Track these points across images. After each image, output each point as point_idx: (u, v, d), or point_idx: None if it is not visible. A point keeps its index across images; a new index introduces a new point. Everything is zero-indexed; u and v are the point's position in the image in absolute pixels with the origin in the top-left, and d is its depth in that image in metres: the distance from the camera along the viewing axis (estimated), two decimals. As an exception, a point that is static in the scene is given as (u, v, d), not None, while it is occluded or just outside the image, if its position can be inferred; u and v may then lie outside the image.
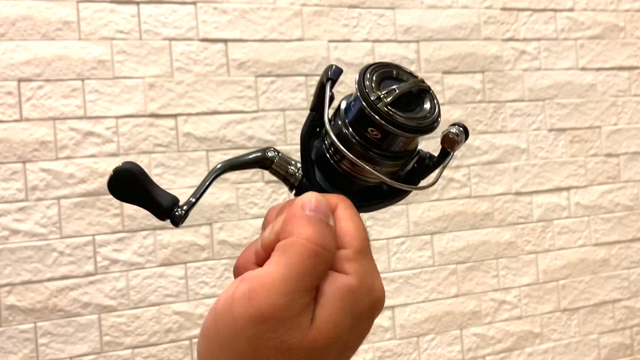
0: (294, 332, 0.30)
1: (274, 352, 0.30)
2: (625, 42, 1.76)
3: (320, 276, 0.32)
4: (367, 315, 0.33)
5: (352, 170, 0.39)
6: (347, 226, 0.34)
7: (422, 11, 1.56)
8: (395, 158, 0.38)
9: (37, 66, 1.28)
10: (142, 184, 0.39)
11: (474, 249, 1.59)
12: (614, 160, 1.73)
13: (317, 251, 0.31)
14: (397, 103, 0.36)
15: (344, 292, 0.31)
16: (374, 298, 0.33)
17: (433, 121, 0.37)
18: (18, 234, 1.26)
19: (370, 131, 0.37)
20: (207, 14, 1.39)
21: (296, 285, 0.31)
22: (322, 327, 0.31)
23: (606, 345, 1.70)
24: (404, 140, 0.37)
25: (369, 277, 0.33)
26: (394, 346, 1.51)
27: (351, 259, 0.33)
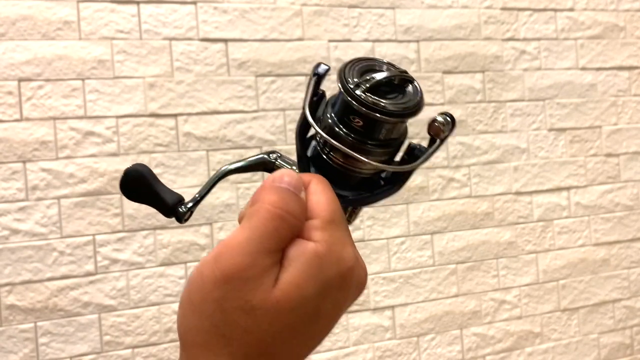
0: (257, 292, 0.31)
1: (239, 312, 0.31)
2: (626, 42, 1.76)
3: (284, 240, 0.32)
4: (337, 284, 0.33)
5: (344, 163, 0.39)
6: (318, 199, 0.35)
7: (422, 11, 1.56)
8: (383, 146, 0.39)
9: (37, 66, 1.28)
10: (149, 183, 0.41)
11: (474, 248, 1.59)
12: (614, 160, 1.73)
13: (279, 214, 0.32)
14: (378, 91, 0.37)
15: (309, 257, 0.32)
16: (343, 267, 0.33)
17: (413, 106, 0.37)
18: (18, 234, 1.26)
19: (352, 119, 0.38)
20: (207, 14, 1.39)
21: (259, 246, 0.32)
22: (285, 289, 0.31)
23: (606, 345, 1.70)
24: (387, 127, 0.38)
25: (337, 245, 0.33)
26: (394, 346, 1.51)
27: (319, 228, 0.33)
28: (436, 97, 1.56)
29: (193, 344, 0.33)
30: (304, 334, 0.33)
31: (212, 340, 0.32)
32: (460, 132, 1.58)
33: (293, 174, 0.35)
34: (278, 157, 0.42)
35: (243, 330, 0.31)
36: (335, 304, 0.34)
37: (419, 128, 0.42)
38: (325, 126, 0.39)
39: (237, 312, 0.31)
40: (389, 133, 0.38)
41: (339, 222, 0.35)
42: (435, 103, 1.56)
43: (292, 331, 0.32)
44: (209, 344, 0.32)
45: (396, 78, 0.38)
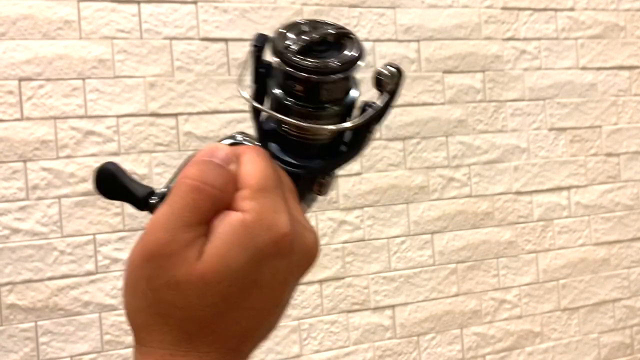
0: (181, 267, 0.30)
1: (166, 288, 0.31)
2: (626, 42, 1.76)
3: (205, 212, 0.32)
4: (271, 251, 0.32)
5: (300, 133, 0.38)
6: (248, 169, 0.33)
7: (423, 10, 1.56)
8: (329, 108, 0.37)
9: (38, 65, 1.28)
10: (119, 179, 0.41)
11: (474, 248, 1.59)
12: (614, 159, 1.73)
13: (197, 186, 0.32)
14: (312, 52, 0.36)
15: (235, 227, 0.31)
16: (276, 233, 0.32)
17: (345, 62, 0.36)
18: (19, 233, 1.26)
19: (291, 85, 0.37)
20: (207, 13, 1.39)
21: (178, 220, 0.31)
22: (209, 260, 0.31)
23: (606, 345, 1.70)
24: (326, 87, 0.36)
25: (269, 213, 0.32)
26: (394, 345, 1.51)
27: (247, 197, 0.32)
28: (436, 96, 1.56)
29: (138, 327, 0.33)
30: (243, 305, 0.32)
31: (151, 320, 0.32)
32: (460, 132, 1.58)
33: (223, 147, 0.34)
34: (244, 138, 0.40)
35: (174, 306, 0.31)
36: (276, 273, 0.32)
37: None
38: (273, 100, 0.38)
39: (165, 289, 0.31)
40: (331, 93, 0.37)
41: (271, 189, 0.33)
42: (436, 102, 1.56)
43: (226, 303, 0.31)
44: (149, 324, 0.32)
45: (329, 36, 0.37)
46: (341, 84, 0.37)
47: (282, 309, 0.35)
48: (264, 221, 0.32)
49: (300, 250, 0.34)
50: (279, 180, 0.34)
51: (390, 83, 0.37)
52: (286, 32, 0.37)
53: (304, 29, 0.38)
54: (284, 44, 0.36)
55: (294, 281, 0.35)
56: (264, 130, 0.40)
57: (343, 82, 0.37)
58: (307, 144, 0.39)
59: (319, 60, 0.36)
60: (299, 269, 0.34)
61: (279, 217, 0.32)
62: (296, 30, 0.37)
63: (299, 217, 0.35)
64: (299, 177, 0.39)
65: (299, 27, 0.38)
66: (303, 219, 0.36)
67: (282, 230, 0.32)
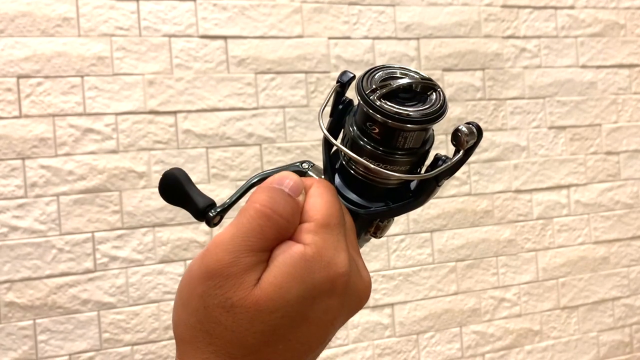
0: (238, 290, 0.31)
1: (220, 309, 0.31)
2: (626, 40, 1.76)
3: (269, 239, 0.32)
4: (326, 289, 0.32)
5: (367, 174, 0.38)
6: (315, 202, 0.34)
7: (423, 8, 1.56)
8: (403, 155, 0.37)
9: (36, 63, 1.27)
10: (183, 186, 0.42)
11: (474, 246, 1.58)
12: (614, 158, 1.73)
13: (265, 213, 0.32)
14: (397, 98, 0.36)
15: (295, 259, 0.31)
16: (333, 272, 0.32)
17: (429, 113, 0.36)
18: (17, 231, 1.26)
19: (370, 127, 0.37)
20: (206, 11, 1.39)
21: (242, 243, 0.31)
22: (266, 289, 0.31)
23: (605, 343, 1.70)
24: (404, 134, 0.36)
25: (329, 250, 0.32)
26: (393, 343, 1.51)
27: (312, 231, 0.32)
28: (436, 94, 1.56)
29: (182, 340, 0.33)
30: (291, 338, 0.32)
31: (199, 336, 0.32)
32: (460, 130, 1.57)
33: (293, 177, 0.34)
34: (310, 167, 0.41)
35: (224, 327, 0.31)
36: (327, 311, 0.32)
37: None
38: (347, 137, 0.38)
39: (218, 309, 0.31)
40: (408, 141, 0.37)
41: (334, 227, 0.33)
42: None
43: (275, 334, 0.31)
44: (196, 340, 0.32)
45: (416, 85, 0.37)
46: (419, 134, 0.37)
47: (324, 347, 0.35)
48: (323, 257, 0.32)
49: (353, 292, 0.34)
50: (342, 218, 0.35)
51: (469, 141, 0.37)
52: (374, 73, 0.37)
53: (393, 74, 0.38)
54: (370, 85, 0.36)
55: (341, 322, 0.35)
56: (332, 164, 0.40)
57: (421, 133, 0.37)
58: (373, 186, 0.39)
59: (401, 108, 0.36)
60: (348, 311, 0.35)
61: (338, 255, 0.32)
62: (384, 73, 0.38)
63: (356, 258, 0.35)
64: (358, 216, 0.39)
65: (388, 71, 0.38)
66: (360, 261, 0.36)
67: (340, 270, 0.32)
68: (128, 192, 1.32)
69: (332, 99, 0.40)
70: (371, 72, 0.38)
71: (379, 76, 0.37)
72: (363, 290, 0.35)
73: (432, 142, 0.39)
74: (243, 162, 1.40)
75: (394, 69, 0.38)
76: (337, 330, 0.35)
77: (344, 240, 0.34)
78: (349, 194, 0.39)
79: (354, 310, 0.35)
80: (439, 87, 0.38)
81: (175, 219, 1.34)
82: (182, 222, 1.35)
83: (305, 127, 1.44)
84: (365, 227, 0.41)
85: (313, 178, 0.37)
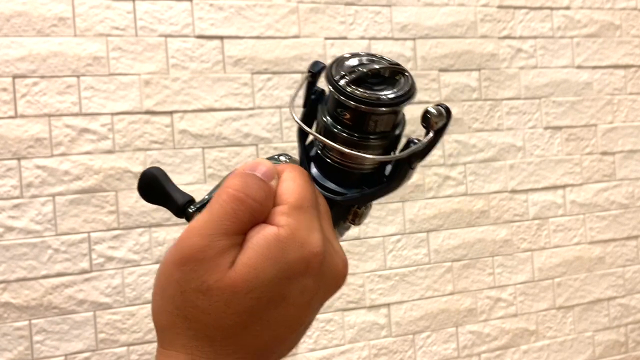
0: (213, 273, 0.31)
1: (196, 293, 0.31)
2: (621, 41, 1.76)
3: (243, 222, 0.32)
4: (301, 269, 0.32)
5: (342, 160, 0.39)
6: (287, 185, 0.34)
7: (419, 9, 1.56)
8: (374, 139, 0.38)
9: (32, 62, 1.27)
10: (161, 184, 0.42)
11: (470, 246, 1.59)
12: (609, 158, 1.73)
13: (238, 197, 0.32)
14: (365, 83, 0.37)
15: (269, 240, 0.32)
16: (307, 252, 0.32)
17: (397, 97, 0.37)
18: (13, 231, 1.25)
19: (340, 112, 0.37)
20: (203, 11, 1.38)
21: (215, 227, 0.32)
22: (241, 270, 0.31)
23: (601, 343, 1.71)
24: (374, 118, 0.37)
25: (303, 231, 0.33)
26: (389, 343, 1.51)
27: (285, 213, 0.33)
28: (432, 95, 1.56)
29: (162, 327, 0.33)
30: (268, 319, 0.32)
31: (177, 322, 0.32)
32: (456, 130, 1.58)
33: (266, 163, 0.35)
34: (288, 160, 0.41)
35: (201, 311, 0.31)
36: (304, 291, 0.33)
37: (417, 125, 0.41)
38: (321, 125, 0.39)
39: (195, 293, 0.31)
40: (379, 125, 0.38)
41: (308, 208, 0.34)
42: (432, 101, 1.56)
43: (252, 315, 0.32)
44: (174, 326, 0.32)
45: (384, 70, 0.38)
46: (389, 117, 0.38)
47: (304, 329, 0.35)
48: (297, 238, 0.32)
49: (329, 272, 0.34)
50: (316, 201, 0.35)
51: (437, 122, 0.38)
52: (343, 61, 0.38)
53: (361, 61, 0.38)
54: (339, 72, 0.37)
55: (318, 303, 0.35)
56: (308, 154, 0.41)
57: (391, 116, 0.38)
58: (348, 172, 0.40)
59: (370, 92, 0.37)
60: (325, 291, 0.35)
61: (312, 235, 0.33)
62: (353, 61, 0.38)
63: (331, 240, 0.35)
64: (336, 204, 0.39)
65: (356, 58, 0.39)
66: (335, 243, 0.36)
67: (314, 249, 0.33)
68: (124, 193, 1.32)
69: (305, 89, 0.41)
70: (340, 60, 0.38)
71: (347, 63, 0.38)
72: (339, 271, 0.35)
73: (403, 126, 0.40)
74: (239, 163, 1.39)
75: (361, 56, 0.39)
76: (315, 311, 0.35)
77: (318, 222, 0.34)
78: (326, 182, 0.40)
79: (330, 291, 0.35)
80: (407, 72, 0.39)
81: (171, 219, 1.34)
82: (178, 223, 1.35)
83: (301, 127, 1.44)
84: (343, 214, 0.41)
85: (286, 164, 0.38)
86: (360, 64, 0.38)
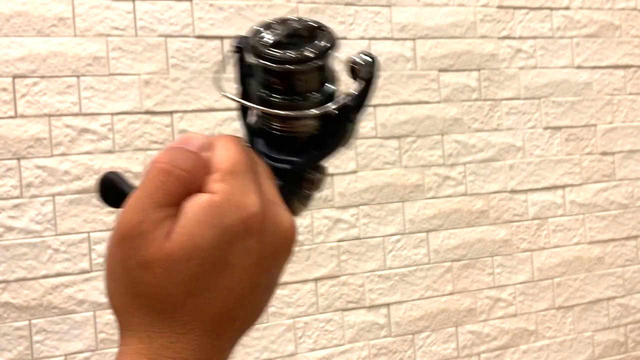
0: (150, 246, 0.31)
1: (138, 267, 0.31)
2: (621, 41, 1.76)
3: (174, 193, 0.32)
4: (240, 231, 0.32)
5: (284, 127, 0.39)
6: (219, 154, 0.34)
7: (419, 9, 1.56)
8: (309, 98, 0.38)
9: (32, 62, 1.27)
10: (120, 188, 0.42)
11: (470, 246, 1.59)
12: (609, 158, 1.73)
13: (165, 168, 0.32)
14: (285, 44, 0.37)
15: (204, 207, 0.32)
16: (244, 213, 0.32)
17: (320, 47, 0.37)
18: (13, 231, 1.25)
19: (269, 79, 0.38)
20: (203, 11, 1.39)
21: (147, 201, 0.32)
22: (176, 239, 0.31)
23: (600, 343, 1.71)
24: (301, 77, 0.37)
25: (238, 194, 0.33)
26: (389, 343, 1.51)
27: (218, 179, 0.33)
28: (432, 95, 1.56)
29: (117, 309, 0.33)
30: (216, 287, 0.32)
31: (128, 301, 0.32)
32: (456, 130, 1.58)
33: (197, 135, 0.35)
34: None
35: (146, 285, 0.31)
36: (248, 253, 0.33)
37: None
38: (255, 97, 0.39)
39: (137, 269, 0.31)
40: (307, 83, 0.38)
41: (242, 172, 0.34)
42: (431, 101, 1.56)
43: (198, 282, 0.31)
44: (128, 306, 0.32)
45: (302, 30, 0.38)
46: (316, 74, 0.38)
47: (261, 293, 0.35)
48: (232, 202, 0.32)
49: (273, 230, 0.34)
50: (251, 165, 0.35)
51: (363, 71, 0.38)
52: (260, 29, 0.39)
53: (277, 26, 0.39)
54: (258, 40, 0.38)
55: (269, 263, 0.35)
56: (251, 129, 0.42)
57: (318, 72, 0.38)
58: (293, 138, 0.40)
59: (292, 51, 0.37)
60: (273, 251, 0.34)
61: (248, 197, 0.33)
62: (270, 27, 0.39)
63: (273, 200, 0.35)
64: (288, 173, 0.39)
65: (272, 24, 0.39)
66: (279, 203, 0.36)
67: (251, 209, 0.33)
68: (124, 192, 1.32)
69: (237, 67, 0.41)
70: (257, 29, 0.39)
71: (265, 30, 0.39)
72: (285, 229, 0.35)
73: (334, 82, 0.40)
74: (239, 163, 1.40)
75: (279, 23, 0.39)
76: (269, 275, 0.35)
77: (254, 184, 0.34)
78: (274, 153, 0.40)
79: (280, 250, 0.35)
80: (325, 26, 0.39)
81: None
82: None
83: (301, 127, 1.44)
84: (299, 183, 0.41)
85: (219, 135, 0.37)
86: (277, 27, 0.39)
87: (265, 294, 0.36)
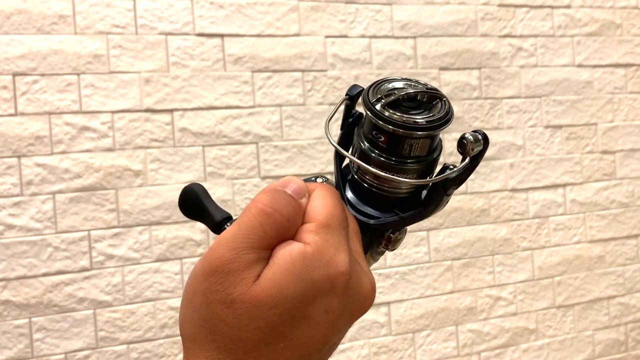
0: (238, 286, 0.31)
1: (221, 305, 0.31)
2: (622, 39, 1.76)
3: (270, 237, 0.32)
4: (325, 287, 0.32)
5: (378, 184, 0.39)
6: (317, 204, 0.34)
7: (419, 7, 1.56)
8: (410, 163, 0.38)
9: (32, 60, 1.27)
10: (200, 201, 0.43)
11: (470, 245, 1.59)
12: (609, 157, 1.73)
13: (266, 211, 0.33)
14: (401, 107, 0.37)
15: (295, 257, 0.32)
16: (332, 271, 0.32)
17: (433, 120, 0.37)
18: (13, 229, 1.25)
19: (376, 135, 0.37)
20: (203, 9, 1.38)
21: (243, 240, 0.32)
22: (265, 285, 0.31)
23: (601, 342, 1.71)
24: (409, 142, 0.37)
25: (329, 249, 0.33)
26: (389, 342, 1.51)
27: (312, 230, 0.33)
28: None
29: (187, 338, 0.33)
30: (291, 337, 0.32)
31: (202, 333, 0.32)
32: (456, 129, 1.58)
33: (297, 181, 0.35)
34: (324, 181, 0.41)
35: (225, 324, 0.31)
36: (328, 311, 0.33)
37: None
38: (357, 148, 0.39)
39: (220, 305, 0.31)
40: (414, 149, 0.38)
41: (335, 228, 0.34)
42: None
43: (274, 331, 0.31)
44: (199, 338, 0.32)
45: (422, 94, 0.38)
46: (425, 142, 0.38)
47: (329, 349, 0.35)
48: (323, 256, 0.32)
49: (355, 293, 0.34)
50: (345, 221, 0.35)
51: (474, 149, 0.37)
52: (380, 85, 0.38)
53: (398, 85, 0.38)
54: (375, 96, 0.37)
55: (344, 324, 0.35)
56: (344, 177, 0.41)
57: (427, 140, 0.38)
58: (384, 196, 0.39)
59: (407, 116, 0.36)
60: (350, 312, 0.34)
61: (339, 255, 0.33)
62: (390, 84, 0.38)
63: (359, 261, 0.35)
64: (370, 228, 0.39)
65: (392, 82, 0.39)
66: (363, 264, 0.36)
67: (340, 268, 0.33)
68: (124, 191, 1.32)
69: (343, 112, 0.41)
70: (377, 83, 0.38)
71: (384, 87, 0.38)
72: (366, 292, 0.35)
73: (440, 151, 0.40)
74: (239, 161, 1.39)
75: (399, 81, 0.39)
76: (341, 333, 0.35)
77: (345, 242, 0.34)
78: (361, 205, 0.40)
79: (357, 313, 0.35)
80: (445, 97, 0.38)
81: (171, 217, 1.34)
82: (178, 221, 1.35)
83: (302, 125, 1.44)
84: (377, 238, 0.41)
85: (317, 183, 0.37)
86: (397, 88, 0.38)
87: (331, 350, 0.36)
